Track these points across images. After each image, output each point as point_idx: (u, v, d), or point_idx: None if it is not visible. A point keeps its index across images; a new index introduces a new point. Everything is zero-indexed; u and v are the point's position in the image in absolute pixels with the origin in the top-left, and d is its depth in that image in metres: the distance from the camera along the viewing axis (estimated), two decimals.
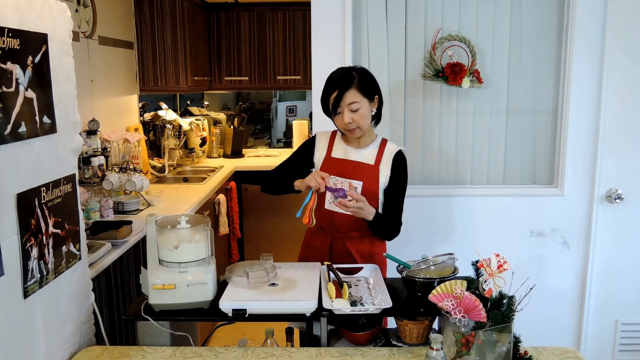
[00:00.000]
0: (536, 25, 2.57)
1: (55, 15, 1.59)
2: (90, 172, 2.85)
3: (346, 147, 2.12)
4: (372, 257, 2.11)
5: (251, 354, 1.61)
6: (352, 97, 1.96)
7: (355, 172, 2.06)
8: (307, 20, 4.67)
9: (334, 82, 2.00)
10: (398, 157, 2.09)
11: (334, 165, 2.09)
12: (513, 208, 2.66)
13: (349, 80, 1.97)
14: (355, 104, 1.96)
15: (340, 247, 2.10)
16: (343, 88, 1.96)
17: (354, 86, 1.96)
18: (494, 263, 1.54)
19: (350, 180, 2.04)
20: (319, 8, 2.51)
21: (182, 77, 3.97)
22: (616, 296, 2.70)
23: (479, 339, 1.42)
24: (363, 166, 2.06)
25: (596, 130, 2.57)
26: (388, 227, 2.07)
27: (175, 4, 3.85)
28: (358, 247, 2.10)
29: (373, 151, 2.09)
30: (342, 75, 1.99)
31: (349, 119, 1.97)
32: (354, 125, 1.99)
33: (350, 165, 2.07)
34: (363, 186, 2.03)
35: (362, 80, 1.99)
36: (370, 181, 2.04)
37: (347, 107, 1.97)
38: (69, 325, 1.66)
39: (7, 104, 1.35)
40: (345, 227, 2.08)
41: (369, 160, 2.07)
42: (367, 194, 2.02)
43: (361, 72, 2.01)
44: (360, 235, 2.09)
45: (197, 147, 4.67)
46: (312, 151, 2.16)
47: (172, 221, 1.78)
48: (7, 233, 1.35)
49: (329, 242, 2.12)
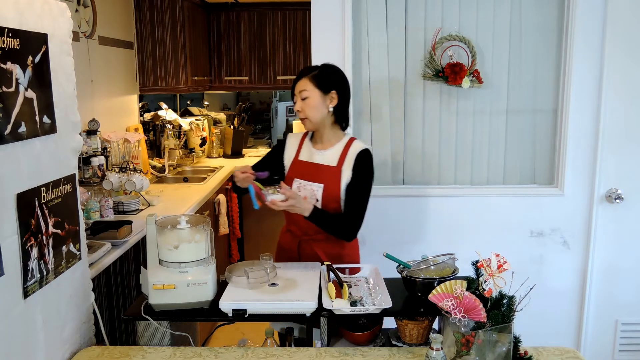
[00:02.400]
0: (536, 25, 2.57)
1: (55, 15, 1.59)
2: (90, 172, 2.85)
3: (312, 149, 2.12)
4: (341, 259, 2.10)
5: (251, 354, 1.61)
6: (303, 85, 2.02)
7: (317, 175, 2.05)
8: (307, 20, 4.67)
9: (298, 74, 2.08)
10: (361, 156, 2.04)
11: (299, 168, 2.10)
12: (513, 208, 2.66)
13: (307, 70, 2.04)
14: (305, 92, 2.01)
15: (308, 249, 2.09)
16: (299, 76, 2.05)
17: (308, 75, 2.02)
18: (494, 263, 1.54)
19: (311, 184, 2.04)
20: (319, 8, 2.51)
21: (182, 77, 3.97)
22: (616, 296, 2.70)
23: (479, 339, 1.42)
24: (325, 168, 2.06)
25: (596, 130, 2.57)
26: (337, 225, 2.02)
27: (175, 4, 3.85)
28: (325, 250, 2.08)
29: (337, 152, 2.08)
30: (307, 66, 2.08)
31: (298, 107, 2.04)
32: (303, 114, 2.04)
33: (313, 168, 2.07)
34: (324, 188, 2.02)
35: (321, 72, 2.03)
36: (331, 183, 2.03)
37: (299, 94, 2.03)
38: (69, 325, 1.66)
39: (7, 104, 1.35)
40: (311, 230, 2.07)
41: (332, 162, 2.06)
42: (328, 196, 2.02)
43: (325, 66, 2.06)
44: (326, 237, 2.07)
45: (197, 147, 4.67)
46: (282, 153, 2.18)
47: (172, 221, 1.78)
48: (7, 233, 1.35)
49: (297, 245, 2.12)
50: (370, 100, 2.62)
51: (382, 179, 2.68)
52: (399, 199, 2.65)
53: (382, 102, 2.62)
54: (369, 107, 2.63)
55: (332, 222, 2.01)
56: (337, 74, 2.06)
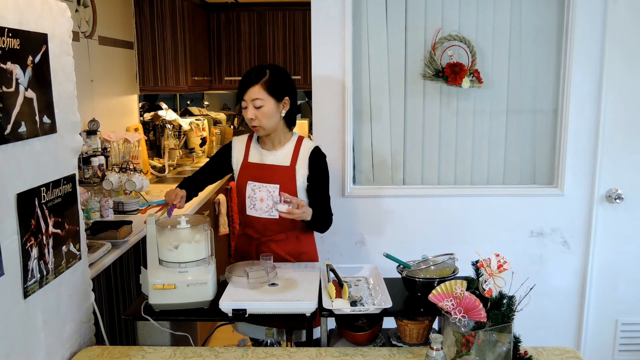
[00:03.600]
0: (536, 26, 2.57)
1: (55, 15, 1.59)
2: (90, 172, 2.85)
3: (261, 150, 2.11)
4: (301, 256, 2.12)
5: (251, 354, 1.61)
6: (256, 94, 1.96)
7: (271, 176, 2.05)
8: (307, 20, 4.67)
9: (245, 75, 2.00)
10: (314, 155, 2.07)
11: (251, 170, 2.09)
12: (513, 208, 2.66)
13: (258, 76, 1.97)
14: (259, 101, 1.96)
15: (267, 250, 2.08)
16: (249, 83, 1.96)
17: (260, 83, 1.96)
18: (494, 263, 1.54)
19: (266, 185, 2.04)
20: (319, 8, 2.51)
21: (182, 77, 3.97)
22: (616, 296, 2.70)
23: (479, 339, 1.42)
24: (278, 169, 2.06)
25: (596, 130, 2.57)
26: (321, 221, 2.08)
27: (175, 4, 3.85)
28: (285, 248, 2.09)
29: (288, 152, 2.08)
30: (255, 70, 1.99)
31: (252, 115, 1.97)
32: (257, 122, 1.99)
33: (266, 169, 2.06)
34: (280, 189, 2.02)
35: (272, 78, 1.98)
36: (286, 183, 2.04)
37: (251, 102, 1.97)
38: (69, 325, 1.66)
39: (7, 104, 1.35)
40: (269, 231, 2.08)
41: (284, 162, 2.06)
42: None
43: (274, 71, 2.00)
44: (286, 237, 2.09)
45: (197, 147, 4.67)
46: (229, 157, 2.15)
47: (172, 221, 1.78)
48: (7, 233, 1.35)
49: (254, 247, 2.11)
50: (370, 100, 2.62)
51: (382, 179, 2.68)
52: (399, 199, 2.65)
53: (382, 102, 2.62)
54: (369, 107, 2.63)
55: (321, 219, 2.06)
56: (287, 79, 2.04)
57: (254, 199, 2.05)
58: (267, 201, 2.03)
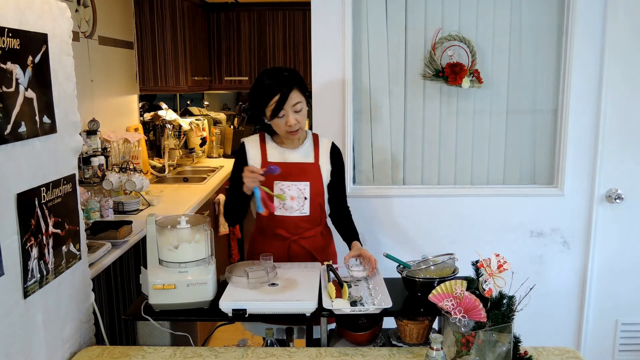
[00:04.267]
0: (536, 25, 2.57)
1: (55, 15, 1.59)
2: (90, 172, 2.85)
3: (281, 149, 2.07)
4: (326, 251, 2.14)
5: (251, 354, 1.61)
6: (295, 98, 1.92)
7: (300, 174, 2.04)
8: (307, 20, 4.66)
9: (272, 85, 1.91)
10: (334, 148, 2.12)
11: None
12: (513, 208, 2.66)
13: (289, 82, 1.92)
14: (299, 104, 1.93)
15: (297, 248, 2.09)
16: (287, 90, 1.90)
17: (295, 87, 1.93)
18: (494, 263, 1.54)
19: (296, 183, 2.02)
20: (319, 8, 2.51)
21: (182, 77, 3.97)
22: (616, 296, 2.70)
23: (479, 339, 1.42)
24: (306, 166, 2.05)
25: (596, 130, 2.57)
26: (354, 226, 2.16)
27: (175, 4, 3.85)
28: (314, 246, 2.11)
29: (309, 148, 2.08)
30: (280, 78, 1.93)
31: (294, 120, 1.93)
32: (298, 125, 1.95)
33: (293, 168, 2.04)
34: (310, 186, 2.02)
35: (298, 79, 1.96)
36: (315, 180, 2.04)
37: (292, 108, 1.92)
38: (69, 325, 1.66)
39: (7, 104, 1.35)
40: (299, 229, 2.07)
41: (308, 159, 2.06)
42: (315, 193, 2.03)
43: (294, 72, 1.99)
44: (314, 233, 2.10)
45: (197, 147, 4.67)
46: (245, 160, 2.07)
47: (172, 221, 1.78)
48: (7, 233, 1.35)
49: (287, 247, 2.08)
50: (370, 100, 2.62)
51: (382, 179, 2.68)
52: (399, 199, 2.65)
53: (382, 102, 2.62)
54: (369, 107, 2.63)
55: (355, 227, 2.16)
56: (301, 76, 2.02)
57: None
58: (298, 199, 2.02)
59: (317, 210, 2.08)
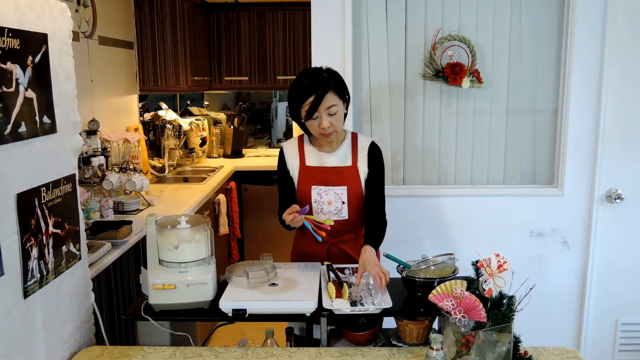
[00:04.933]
0: (536, 25, 2.57)
1: (55, 15, 1.59)
2: (90, 172, 2.85)
3: (319, 152, 2.05)
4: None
5: (251, 354, 1.61)
6: (331, 100, 1.88)
7: (337, 178, 2.01)
8: (307, 20, 4.67)
9: (308, 86, 1.89)
10: (372, 149, 2.04)
11: (312, 175, 2.03)
12: (513, 208, 2.66)
13: (326, 83, 1.88)
14: (334, 107, 1.90)
15: (337, 251, 2.08)
16: (322, 91, 1.87)
17: (331, 89, 1.89)
18: (494, 263, 1.54)
19: (333, 188, 2.01)
20: (319, 8, 2.51)
21: (182, 77, 3.97)
22: (616, 296, 2.70)
23: (479, 339, 1.42)
24: (343, 170, 2.02)
25: (596, 130, 2.57)
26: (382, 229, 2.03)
27: (175, 4, 3.85)
28: (355, 248, 2.08)
29: (347, 150, 2.05)
30: (317, 78, 1.90)
31: (328, 123, 1.90)
32: (332, 129, 1.92)
33: (330, 172, 2.02)
34: (348, 190, 2.00)
35: (336, 81, 1.92)
36: (353, 183, 2.02)
37: (326, 111, 1.89)
38: (69, 325, 1.66)
39: (7, 104, 1.35)
40: (339, 233, 2.06)
41: (346, 162, 2.03)
42: (353, 197, 2.01)
43: (333, 74, 1.95)
44: (354, 237, 2.09)
45: (197, 147, 4.67)
46: (285, 165, 2.07)
47: (172, 221, 1.78)
48: (7, 233, 1.35)
49: (326, 250, 2.08)
50: (370, 100, 2.62)
51: None
52: (399, 199, 2.65)
53: (382, 102, 2.62)
54: (369, 107, 2.63)
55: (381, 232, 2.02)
56: (342, 77, 1.99)
57: (320, 203, 2.01)
58: (336, 204, 2.01)
59: (357, 214, 2.05)
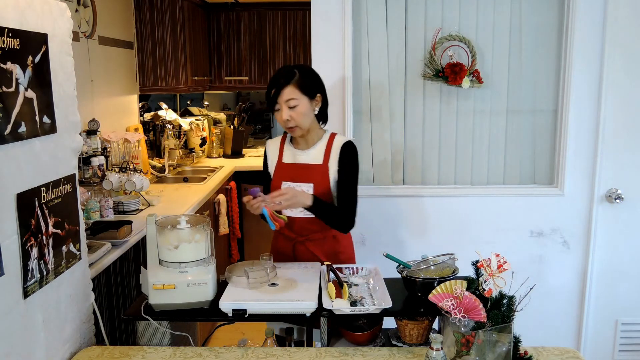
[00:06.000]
0: (536, 26, 2.57)
1: (55, 15, 1.59)
2: (90, 172, 2.85)
3: (294, 150, 2.11)
4: (337, 256, 2.10)
5: (251, 354, 1.61)
6: (290, 94, 1.94)
7: (306, 175, 2.04)
8: (307, 20, 4.66)
9: (274, 77, 1.98)
10: (345, 148, 2.05)
11: (285, 171, 2.09)
12: (513, 208, 2.66)
13: (288, 77, 1.95)
14: (293, 101, 1.95)
15: (304, 250, 2.09)
16: (281, 84, 1.95)
17: (292, 82, 1.95)
18: (494, 263, 1.54)
19: (300, 184, 2.03)
20: (319, 8, 2.51)
21: (182, 77, 3.97)
22: (616, 296, 2.70)
23: (479, 339, 1.42)
24: (312, 167, 2.05)
25: (596, 130, 2.57)
26: (336, 215, 2.02)
27: (175, 4, 3.85)
28: (323, 249, 2.09)
29: (321, 149, 2.07)
30: (283, 71, 1.98)
31: (287, 116, 1.96)
32: (293, 123, 1.98)
33: (300, 169, 2.06)
34: (314, 187, 2.02)
35: (302, 77, 1.97)
36: (320, 181, 2.03)
37: (285, 103, 1.95)
38: (69, 325, 1.66)
39: (7, 104, 1.35)
40: (306, 231, 2.07)
41: (317, 160, 2.06)
42: (320, 194, 2.01)
43: (303, 70, 2.00)
44: (323, 237, 2.08)
45: (197, 147, 4.67)
46: (266, 161, 2.17)
47: (172, 221, 1.78)
48: (7, 233, 1.35)
49: (291, 247, 2.11)
50: (370, 100, 2.62)
51: (382, 179, 2.68)
52: (399, 199, 2.65)
53: (382, 102, 2.62)
54: (369, 107, 2.63)
55: (331, 211, 2.02)
56: (316, 76, 2.04)
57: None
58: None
59: None
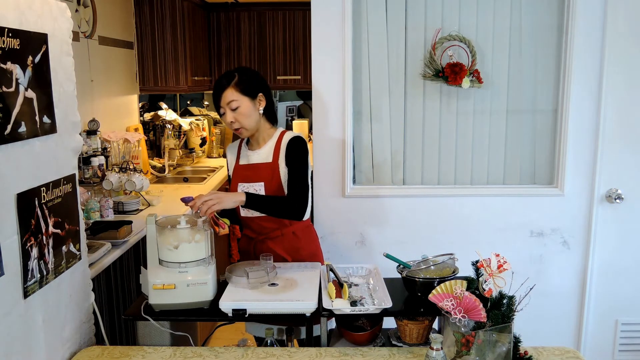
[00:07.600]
0: (536, 26, 2.57)
1: (55, 15, 1.59)
2: (90, 172, 2.85)
3: (248, 151, 2.15)
4: (299, 252, 2.11)
5: (251, 354, 1.61)
6: (230, 96, 1.99)
7: (257, 175, 2.08)
8: (307, 20, 4.66)
9: (216, 83, 2.04)
10: (290, 143, 2.06)
11: (240, 172, 2.13)
12: (513, 208, 2.66)
13: (228, 79, 2.01)
14: (234, 102, 2.00)
15: (264, 248, 2.10)
16: (221, 88, 2.01)
17: (232, 85, 2.00)
18: (494, 263, 1.54)
19: (253, 184, 2.06)
20: (319, 8, 2.51)
21: (182, 77, 3.97)
22: (616, 296, 2.70)
23: (479, 339, 1.42)
24: (262, 166, 2.08)
25: (596, 130, 2.57)
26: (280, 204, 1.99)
27: (175, 4, 3.85)
28: (283, 246, 2.10)
29: (270, 148, 2.10)
30: (224, 75, 2.04)
31: (231, 118, 2.01)
32: (237, 124, 2.02)
33: (252, 169, 2.10)
34: (265, 186, 2.05)
35: (241, 78, 2.02)
36: (271, 179, 2.05)
37: (227, 106, 2.00)
38: (69, 325, 1.66)
39: (7, 104, 1.35)
40: (264, 229, 2.10)
41: (267, 159, 2.09)
42: (272, 192, 2.04)
43: (242, 71, 2.05)
44: (281, 234, 2.10)
45: (197, 147, 4.67)
46: (228, 164, 2.23)
47: (172, 221, 1.78)
48: (7, 233, 1.35)
49: (252, 246, 2.14)
50: (370, 100, 2.62)
51: (382, 179, 2.68)
52: (399, 199, 2.65)
53: (382, 102, 2.62)
54: (369, 107, 2.63)
55: (274, 202, 2.00)
56: (257, 76, 2.09)
57: None
58: None
59: None
